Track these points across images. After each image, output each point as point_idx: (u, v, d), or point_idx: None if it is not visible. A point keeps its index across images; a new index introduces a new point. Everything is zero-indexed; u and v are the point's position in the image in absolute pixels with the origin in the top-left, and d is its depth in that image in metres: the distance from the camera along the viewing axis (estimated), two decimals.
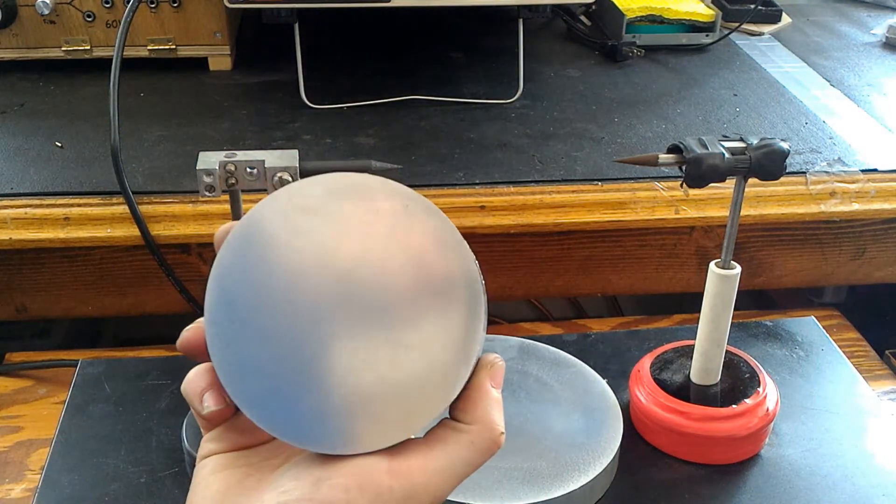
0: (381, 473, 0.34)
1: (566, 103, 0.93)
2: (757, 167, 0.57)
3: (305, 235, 0.35)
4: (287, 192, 0.36)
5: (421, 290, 0.35)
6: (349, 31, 1.12)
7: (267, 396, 0.34)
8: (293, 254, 0.35)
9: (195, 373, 0.37)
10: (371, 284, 0.35)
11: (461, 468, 0.35)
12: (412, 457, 0.35)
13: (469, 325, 0.35)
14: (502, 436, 0.36)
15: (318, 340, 0.34)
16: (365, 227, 0.35)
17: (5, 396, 0.75)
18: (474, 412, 0.36)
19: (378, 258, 0.35)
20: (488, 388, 0.36)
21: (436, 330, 0.35)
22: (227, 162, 0.52)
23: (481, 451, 0.36)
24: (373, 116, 0.89)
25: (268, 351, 0.34)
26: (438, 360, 0.35)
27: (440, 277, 0.35)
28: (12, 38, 0.93)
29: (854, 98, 0.97)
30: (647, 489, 0.62)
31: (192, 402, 0.37)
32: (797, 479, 0.63)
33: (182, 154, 0.81)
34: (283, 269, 0.35)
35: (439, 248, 0.35)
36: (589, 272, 0.81)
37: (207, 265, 0.75)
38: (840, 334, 0.84)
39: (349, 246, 0.35)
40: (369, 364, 0.34)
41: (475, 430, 0.36)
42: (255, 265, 0.35)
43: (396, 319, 0.35)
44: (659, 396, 0.64)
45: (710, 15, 1.07)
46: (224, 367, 0.35)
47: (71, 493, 0.61)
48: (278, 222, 0.35)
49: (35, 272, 0.76)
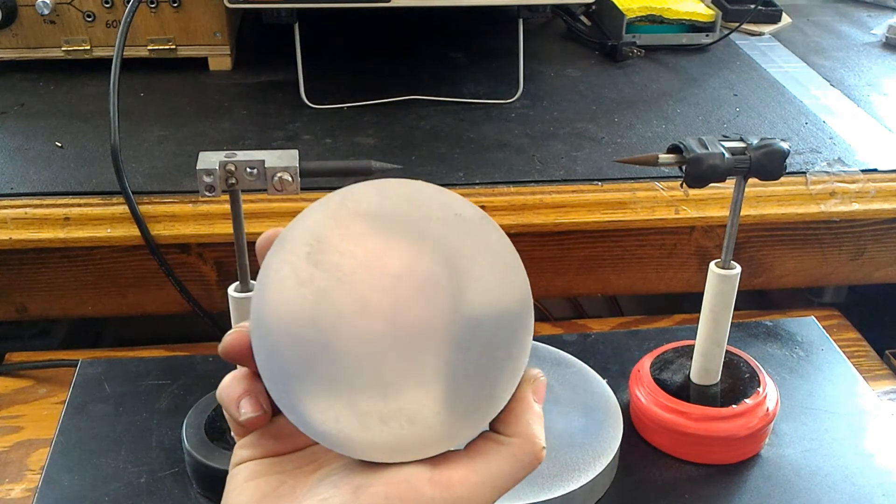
0: (422, 483, 0.33)
1: (566, 103, 0.93)
2: (757, 167, 0.57)
3: (358, 239, 0.35)
4: (341, 195, 0.35)
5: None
6: (349, 31, 1.12)
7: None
8: (344, 258, 0.34)
9: (231, 378, 0.36)
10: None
11: (502, 482, 0.35)
12: (454, 468, 0.34)
13: (525, 337, 0.36)
14: (543, 450, 0.35)
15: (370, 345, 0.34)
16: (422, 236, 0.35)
17: (5, 396, 0.75)
18: (517, 425, 0.35)
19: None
20: (531, 401, 0.36)
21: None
22: (227, 162, 0.52)
23: (523, 464, 0.35)
24: (373, 116, 0.89)
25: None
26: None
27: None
28: (12, 38, 0.93)
29: (854, 98, 0.97)
30: (647, 489, 0.62)
31: (229, 408, 0.36)
32: (797, 479, 0.63)
33: (182, 154, 0.81)
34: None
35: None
36: (589, 272, 0.81)
37: (207, 265, 0.76)
38: (840, 334, 0.84)
39: (400, 253, 0.35)
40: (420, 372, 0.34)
41: (517, 443, 0.35)
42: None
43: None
44: (659, 396, 0.64)
45: (710, 15, 1.07)
46: (268, 370, 0.34)
47: (71, 493, 0.61)
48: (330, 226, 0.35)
49: (35, 272, 0.76)
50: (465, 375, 0.35)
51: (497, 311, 0.35)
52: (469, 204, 0.36)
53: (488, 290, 0.35)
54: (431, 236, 0.35)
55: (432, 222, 0.35)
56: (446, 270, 0.35)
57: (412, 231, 0.35)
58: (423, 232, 0.35)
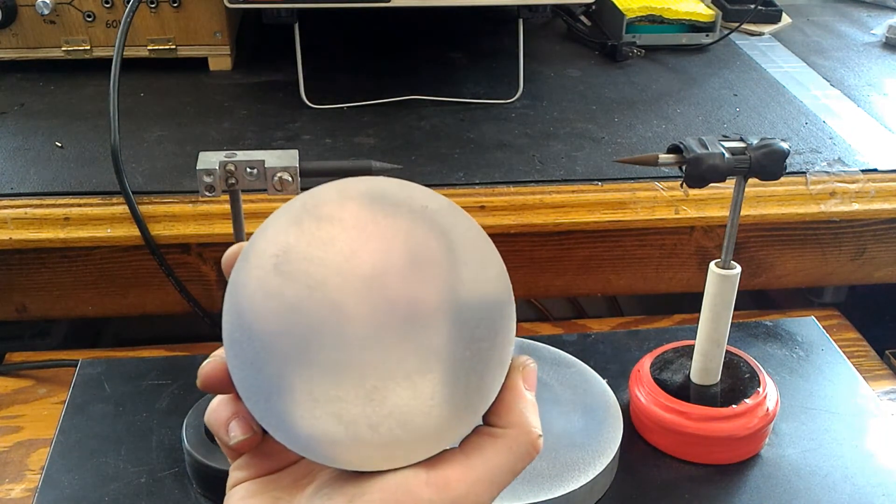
0: (419, 487, 0.32)
1: (566, 103, 0.93)
2: (757, 167, 0.57)
3: (324, 245, 0.33)
4: (301, 201, 0.34)
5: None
6: (349, 31, 1.11)
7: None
8: (312, 265, 0.33)
9: (218, 402, 0.36)
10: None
11: (500, 476, 0.34)
12: (450, 467, 0.33)
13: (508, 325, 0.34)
14: (540, 439, 0.34)
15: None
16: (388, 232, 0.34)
17: (5, 396, 0.75)
18: (509, 416, 0.34)
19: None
20: (522, 389, 0.35)
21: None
22: (227, 162, 0.52)
23: (520, 455, 0.34)
24: (373, 116, 0.89)
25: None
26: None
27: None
28: (12, 38, 0.93)
29: (854, 98, 0.97)
30: (647, 489, 0.62)
31: (218, 433, 0.35)
32: (797, 479, 0.63)
33: (182, 154, 0.81)
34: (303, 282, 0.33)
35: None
36: (589, 272, 0.81)
37: (207, 265, 0.76)
38: (840, 334, 0.84)
39: (369, 255, 0.33)
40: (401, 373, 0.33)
41: (512, 434, 0.34)
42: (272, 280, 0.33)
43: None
44: (659, 396, 0.64)
45: (710, 15, 1.07)
46: (247, 390, 0.33)
47: (71, 493, 0.61)
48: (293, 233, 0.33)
49: (35, 272, 0.76)
50: (453, 370, 0.34)
51: (481, 300, 0.34)
52: (435, 194, 0.35)
53: (469, 279, 0.34)
54: (401, 232, 0.34)
55: (400, 218, 0.34)
56: (422, 265, 0.34)
57: (380, 229, 0.34)
58: (392, 228, 0.34)
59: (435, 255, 0.34)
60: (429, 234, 0.34)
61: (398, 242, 0.34)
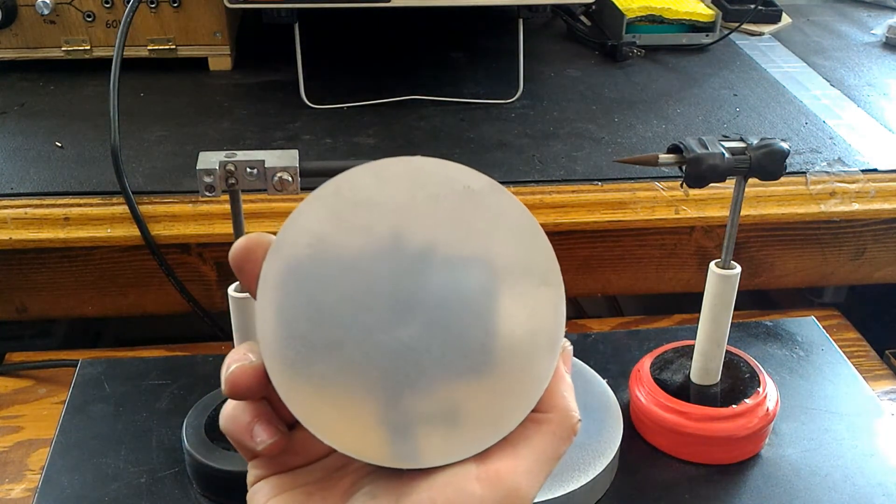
0: (470, 483, 0.30)
1: (566, 103, 0.93)
2: (757, 167, 0.57)
3: (362, 231, 0.31)
4: (335, 185, 0.32)
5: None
6: (349, 31, 1.11)
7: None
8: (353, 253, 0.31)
9: (234, 408, 0.33)
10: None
11: (548, 463, 0.32)
12: (499, 459, 0.31)
13: (559, 307, 0.33)
14: (579, 422, 0.33)
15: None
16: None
17: (5, 396, 0.75)
18: (552, 399, 0.33)
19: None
20: (563, 372, 0.33)
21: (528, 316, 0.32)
22: (227, 162, 0.52)
23: (563, 440, 0.32)
24: (373, 116, 0.89)
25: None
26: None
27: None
28: (12, 38, 0.93)
29: (854, 98, 0.97)
30: (647, 489, 0.62)
31: (241, 439, 0.32)
32: (797, 479, 0.63)
33: (182, 154, 0.81)
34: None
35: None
36: (589, 272, 0.81)
37: (207, 265, 0.76)
38: (840, 334, 0.84)
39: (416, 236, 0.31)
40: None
41: (555, 418, 0.32)
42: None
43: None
44: (659, 396, 0.64)
45: (710, 15, 1.07)
46: (296, 386, 0.31)
47: (71, 493, 0.61)
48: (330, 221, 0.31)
49: (35, 272, 0.76)
50: (502, 358, 0.32)
51: (530, 282, 0.32)
52: (477, 174, 0.33)
53: (514, 264, 0.32)
54: (442, 216, 0.32)
55: (440, 200, 0.32)
56: (464, 250, 0.32)
57: (420, 213, 0.32)
58: (433, 212, 0.32)
59: (481, 237, 0.32)
60: (475, 214, 0.32)
61: (440, 229, 0.32)
